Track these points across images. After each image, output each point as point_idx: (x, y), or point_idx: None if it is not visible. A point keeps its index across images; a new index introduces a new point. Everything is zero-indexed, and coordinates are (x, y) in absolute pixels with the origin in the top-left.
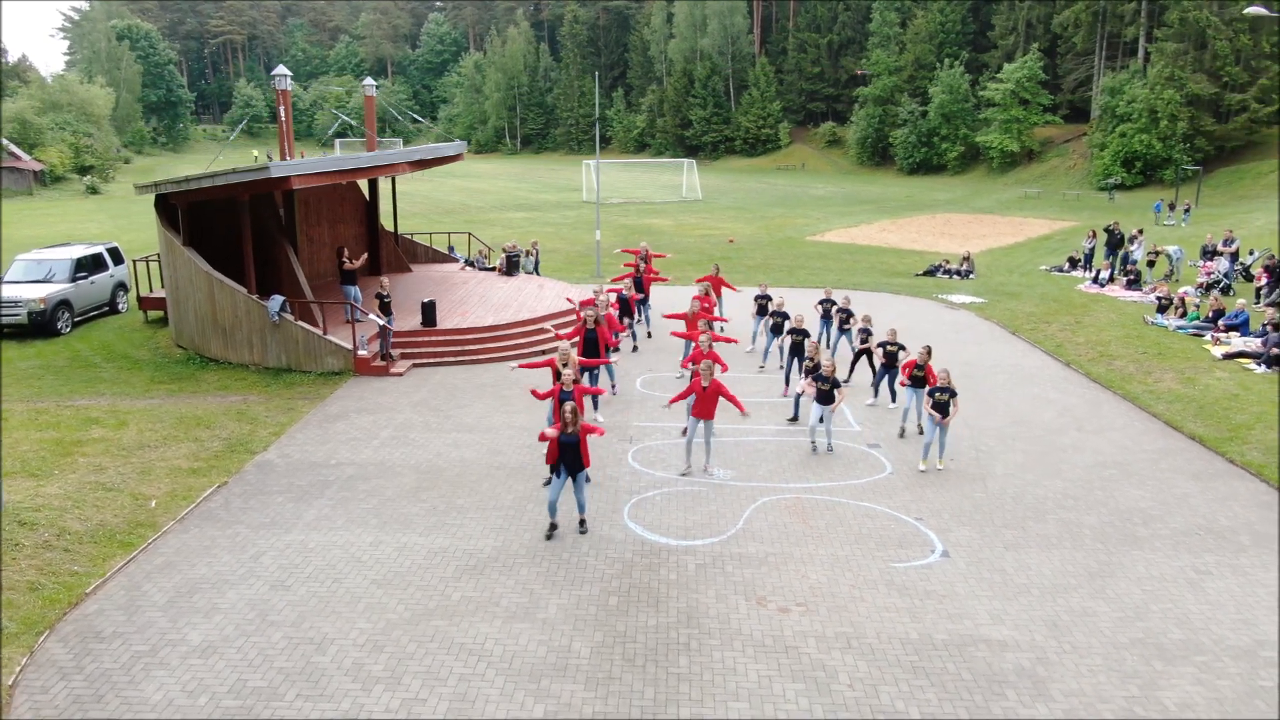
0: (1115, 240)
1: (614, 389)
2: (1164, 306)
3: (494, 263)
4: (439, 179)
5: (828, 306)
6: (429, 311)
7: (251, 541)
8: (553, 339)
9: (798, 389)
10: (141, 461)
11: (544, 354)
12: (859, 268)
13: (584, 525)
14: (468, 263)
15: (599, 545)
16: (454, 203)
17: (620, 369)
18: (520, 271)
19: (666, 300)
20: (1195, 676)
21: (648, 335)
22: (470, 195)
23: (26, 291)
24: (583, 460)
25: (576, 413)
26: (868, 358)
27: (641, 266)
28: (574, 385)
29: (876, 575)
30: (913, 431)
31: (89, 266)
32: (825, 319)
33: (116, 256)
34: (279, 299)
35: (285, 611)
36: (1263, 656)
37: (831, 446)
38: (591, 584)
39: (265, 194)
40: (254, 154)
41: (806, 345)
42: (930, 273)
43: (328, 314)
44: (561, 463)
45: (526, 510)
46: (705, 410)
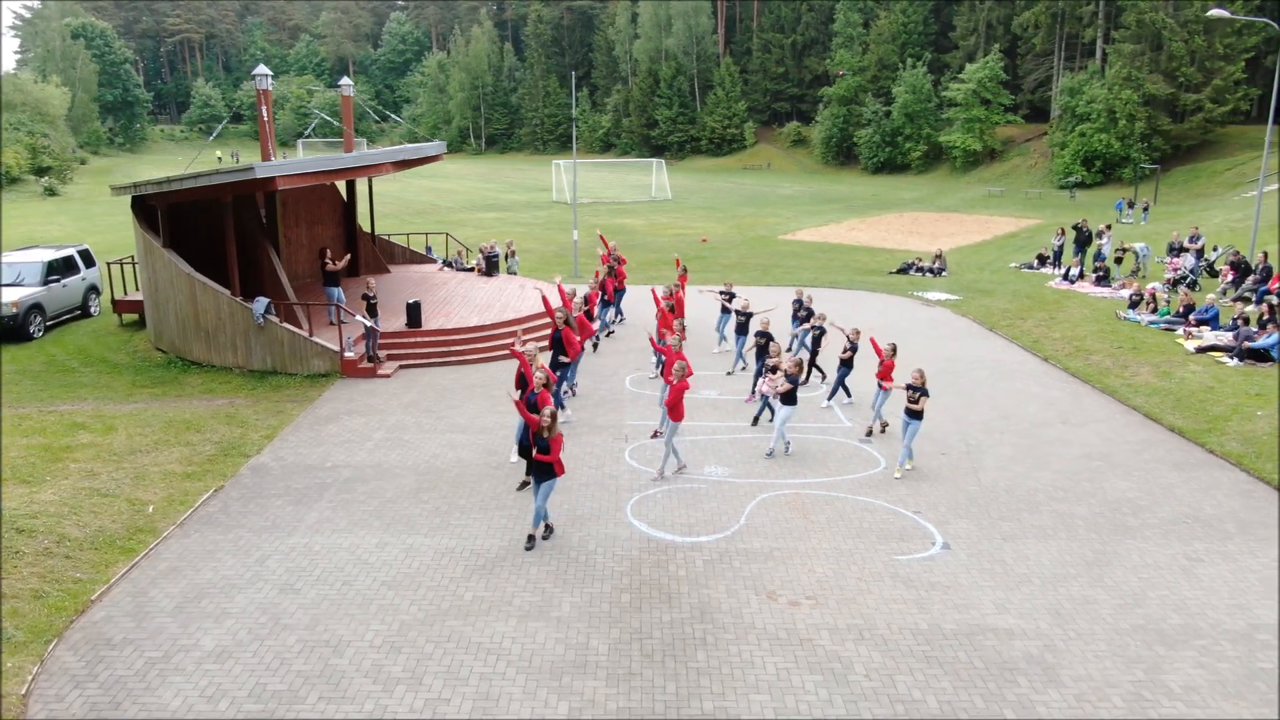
0: (1084, 237)
1: (573, 389)
2: (1135, 302)
3: (471, 263)
4: (407, 179)
5: (796, 308)
6: (414, 312)
7: (255, 545)
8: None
9: (761, 387)
10: (134, 466)
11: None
12: (833, 266)
13: (531, 541)
14: (446, 263)
15: (606, 543)
16: (423, 203)
17: (609, 368)
18: (503, 271)
19: (638, 301)
20: (1196, 660)
21: (618, 324)
22: (439, 195)
23: None
24: (555, 468)
25: (555, 416)
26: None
27: (613, 267)
28: (541, 389)
29: (881, 568)
30: (894, 432)
31: (60, 269)
32: (795, 319)
33: (87, 259)
34: (264, 301)
35: (297, 615)
36: (1259, 640)
37: (788, 448)
38: (602, 581)
39: (246, 195)
40: (217, 155)
41: (770, 348)
42: (903, 270)
43: (311, 316)
44: (531, 469)
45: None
46: (670, 411)
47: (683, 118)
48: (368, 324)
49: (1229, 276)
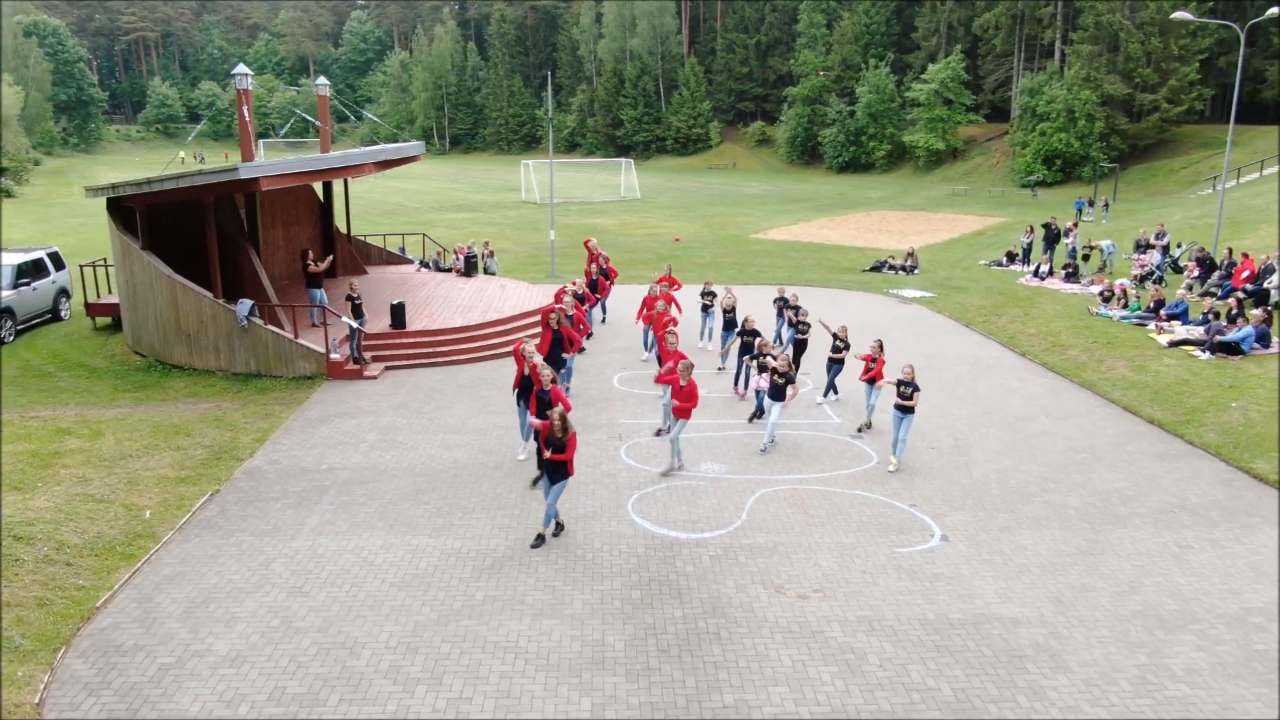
0: (1052, 235)
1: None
2: (1107, 298)
3: (448, 263)
4: (374, 179)
5: (780, 305)
6: (398, 313)
7: (258, 549)
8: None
9: (755, 384)
10: (126, 471)
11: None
12: (806, 264)
13: (540, 540)
14: (423, 264)
15: (611, 541)
16: (391, 204)
17: (596, 367)
18: (482, 272)
19: (624, 299)
20: (1195, 644)
21: (601, 321)
22: (406, 196)
23: None
24: (567, 468)
25: (565, 416)
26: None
27: (598, 268)
28: (552, 385)
29: (884, 560)
30: (880, 427)
31: (30, 272)
32: (779, 316)
33: (58, 261)
34: (247, 303)
35: (309, 618)
36: (1252, 623)
37: (774, 440)
38: (611, 579)
39: (225, 196)
40: (179, 155)
41: (757, 344)
42: (876, 268)
43: (295, 318)
44: (543, 467)
45: (531, 509)
46: (680, 410)
47: (648, 117)
48: (354, 325)
49: (1195, 272)
